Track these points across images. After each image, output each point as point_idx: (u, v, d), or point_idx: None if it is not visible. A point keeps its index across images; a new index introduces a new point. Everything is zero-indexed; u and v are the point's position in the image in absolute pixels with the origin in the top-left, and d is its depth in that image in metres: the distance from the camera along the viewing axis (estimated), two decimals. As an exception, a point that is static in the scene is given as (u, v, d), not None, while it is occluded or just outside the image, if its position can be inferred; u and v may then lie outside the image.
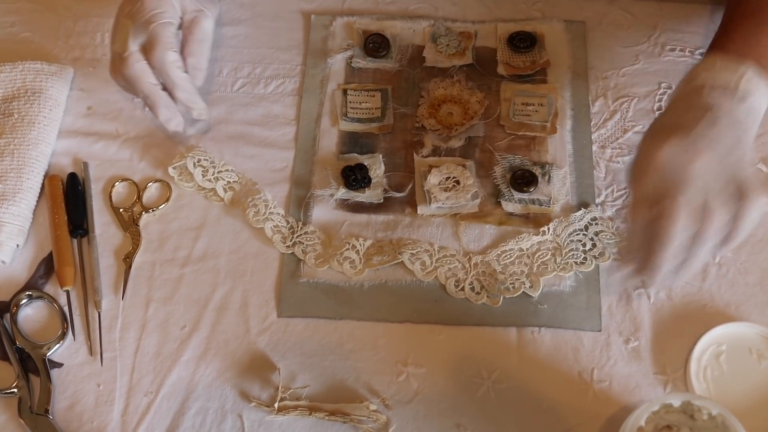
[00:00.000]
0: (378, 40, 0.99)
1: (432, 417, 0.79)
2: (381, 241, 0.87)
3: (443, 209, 0.89)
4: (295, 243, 0.87)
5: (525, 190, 0.88)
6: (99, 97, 0.98)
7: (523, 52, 0.98)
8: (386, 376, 0.81)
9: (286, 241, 0.87)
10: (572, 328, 0.83)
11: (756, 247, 0.86)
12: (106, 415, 0.80)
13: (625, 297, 0.84)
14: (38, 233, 0.90)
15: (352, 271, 0.86)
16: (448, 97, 0.95)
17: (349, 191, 0.90)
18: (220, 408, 0.80)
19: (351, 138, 0.94)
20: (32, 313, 0.86)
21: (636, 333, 0.82)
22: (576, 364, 0.81)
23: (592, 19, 1.02)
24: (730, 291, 0.84)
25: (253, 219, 0.88)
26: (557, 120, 0.93)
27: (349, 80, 0.98)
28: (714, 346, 0.81)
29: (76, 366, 0.82)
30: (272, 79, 0.99)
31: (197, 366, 0.82)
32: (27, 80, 0.96)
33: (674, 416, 0.70)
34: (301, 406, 0.79)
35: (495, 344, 0.82)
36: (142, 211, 0.90)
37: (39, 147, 0.92)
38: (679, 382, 0.80)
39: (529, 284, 0.84)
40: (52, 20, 1.04)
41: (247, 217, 0.88)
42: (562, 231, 0.87)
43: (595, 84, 0.97)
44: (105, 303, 0.85)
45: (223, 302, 0.85)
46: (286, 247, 0.87)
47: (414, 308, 0.84)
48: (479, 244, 0.87)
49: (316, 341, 0.83)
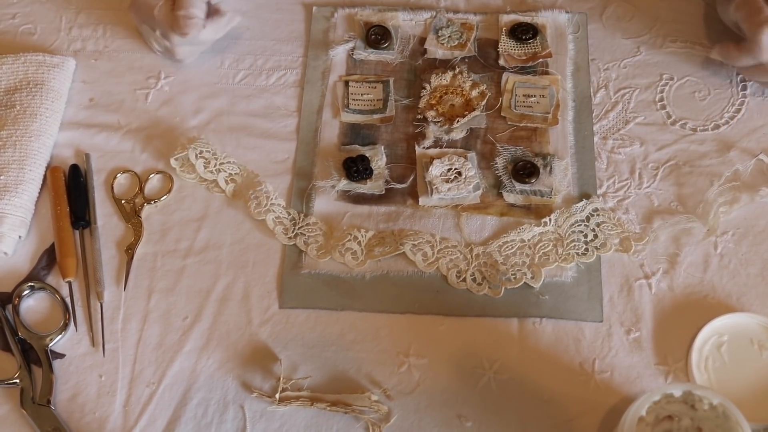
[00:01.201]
0: (380, 32, 0.99)
1: (433, 408, 0.79)
2: (383, 232, 0.88)
3: (445, 200, 0.89)
4: (297, 234, 0.87)
5: (526, 181, 0.88)
6: (101, 88, 0.98)
7: (524, 43, 0.97)
8: (388, 366, 0.81)
9: (287, 232, 0.87)
10: (574, 318, 0.83)
11: (758, 238, 0.86)
12: (108, 406, 0.80)
13: (627, 288, 0.84)
14: (40, 225, 0.90)
15: (354, 262, 0.86)
16: (449, 88, 0.95)
17: (351, 183, 0.90)
18: (221, 399, 0.80)
19: (353, 129, 0.94)
20: (34, 304, 0.86)
21: (637, 324, 0.82)
22: (577, 354, 0.81)
23: (594, 11, 1.01)
24: (732, 282, 0.84)
25: (255, 211, 0.88)
26: (559, 111, 0.93)
27: (351, 72, 0.98)
28: (715, 336, 0.81)
29: (78, 357, 0.83)
30: (274, 71, 0.99)
31: (199, 357, 0.82)
32: (29, 72, 0.96)
33: (675, 406, 0.70)
34: (302, 396, 0.79)
35: (496, 335, 0.82)
36: (144, 203, 0.90)
37: (41, 139, 0.92)
38: (680, 372, 0.80)
39: (531, 275, 0.84)
40: (53, 12, 1.04)
41: (249, 208, 0.88)
42: (564, 222, 0.87)
43: (597, 75, 0.97)
44: (107, 294, 0.85)
45: (224, 293, 0.85)
46: (287, 239, 0.87)
47: (416, 299, 0.84)
48: (481, 235, 0.87)
49: (317, 332, 0.83)
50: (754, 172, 0.90)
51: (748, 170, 0.90)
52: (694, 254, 0.86)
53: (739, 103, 0.94)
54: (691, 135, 0.93)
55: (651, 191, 0.89)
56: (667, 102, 0.95)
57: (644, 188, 0.89)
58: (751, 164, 0.90)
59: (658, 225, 0.87)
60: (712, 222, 0.86)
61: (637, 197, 0.89)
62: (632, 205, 0.88)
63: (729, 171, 0.90)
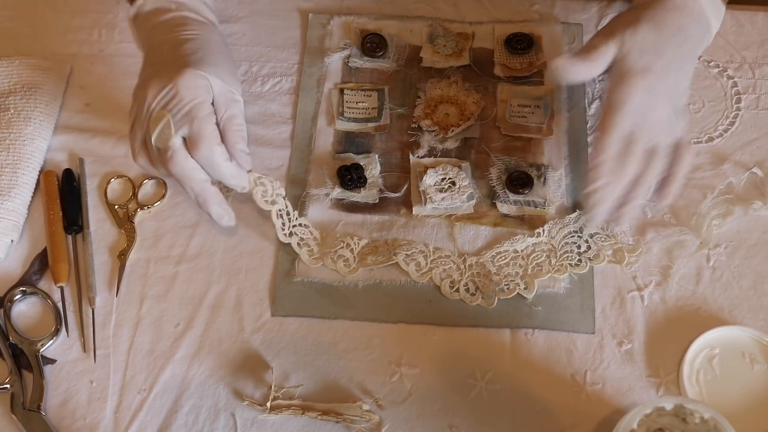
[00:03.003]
0: (375, 40, 0.99)
1: (425, 417, 0.79)
2: (376, 241, 0.87)
3: (438, 210, 0.89)
4: (292, 233, 0.87)
5: (520, 192, 0.88)
6: (96, 93, 0.98)
7: (520, 53, 0.98)
8: (380, 376, 0.81)
9: (284, 228, 0.87)
10: (566, 330, 0.83)
11: (750, 251, 0.86)
12: (99, 412, 0.80)
13: (619, 299, 0.84)
14: (33, 229, 0.90)
15: (345, 269, 0.86)
16: (444, 97, 0.95)
17: (345, 191, 0.90)
18: (213, 406, 0.80)
19: (347, 137, 0.94)
20: (26, 309, 0.85)
21: (629, 336, 0.82)
22: (569, 366, 0.81)
23: (589, 22, 1.02)
24: (724, 295, 0.84)
25: (262, 200, 0.86)
26: (553, 122, 0.93)
27: (346, 80, 0.98)
28: (707, 349, 0.81)
29: (70, 362, 0.82)
30: (269, 78, 0.99)
31: (190, 364, 0.82)
32: (23, 75, 0.96)
33: (666, 419, 0.70)
34: (293, 405, 0.79)
35: (488, 346, 0.82)
36: (137, 208, 0.90)
37: (35, 143, 0.92)
38: (671, 385, 0.80)
39: (524, 286, 0.84)
40: (49, 15, 1.04)
41: (255, 196, 0.86)
42: (557, 233, 0.87)
43: (592, 86, 0.97)
44: (99, 300, 0.85)
45: (217, 300, 0.85)
46: (284, 235, 0.86)
47: (408, 308, 0.84)
48: (474, 245, 0.87)
49: (309, 340, 0.83)
50: (747, 185, 0.90)
51: (741, 183, 0.90)
52: (686, 267, 0.86)
53: (733, 116, 0.95)
54: (685, 147, 0.93)
55: (644, 203, 0.89)
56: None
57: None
58: (745, 177, 0.90)
59: (651, 237, 0.87)
60: (705, 235, 0.87)
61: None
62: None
63: (722, 184, 0.90)
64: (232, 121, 0.84)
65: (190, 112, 0.80)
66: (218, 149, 0.81)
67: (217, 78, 0.83)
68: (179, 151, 0.80)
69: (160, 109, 0.81)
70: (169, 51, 0.85)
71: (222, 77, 0.84)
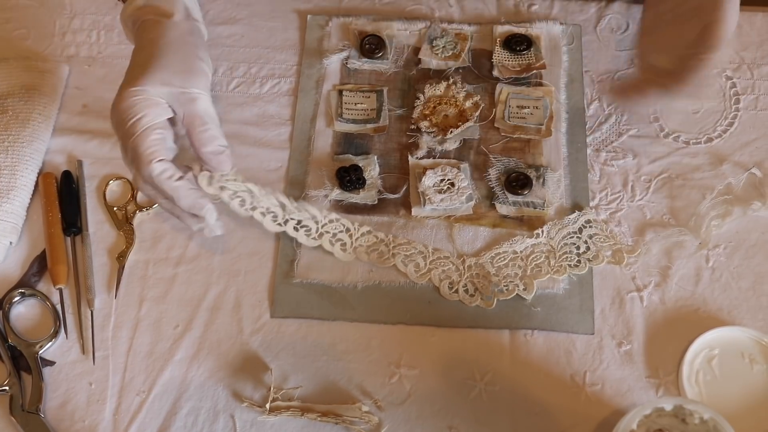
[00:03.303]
0: (374, 41, 0.99)
1: (424, 419, 0.79)
2: (377, 234, 0.87)
3: (437, 211, 0.89)
4: (287, 220, 0.86)
5: (519, 193, 0.88)
6: (94, 94, 0.98)
7: (518, 54, 0.98)
8: (379, 377, 0.81)
9: (277, 219, 0.86)
10: (565, 330, 0.83)
11: (749, 252, 0.86)
12: (98, 414, 0.80)
13: (619, 300, 0.84)
14: (32, 231, 0.89)
15: (341, 253, 0.86)
16: (443, 99, 0.95)
17: (344, 192, 0.90)
18: (212, 408, 0.80)
19: (346, 139, 0.94)
20: (25, 311, 0.85)
21: (629, 336, 0.82)
22: (568, 367, 0.81)
23: (588, 23, 1.02)
24: (723, 295, 0.84)
25: (241, 209, 0.85)
26: (552, 123, 0.93)
27: (345, 81, 0.98)
28: (706, 350, 0.81)
29: (68, 364, 0.82)
30: (268, 79, 0.99)
31: (190, 366, 0.82)
32: (22, 77, 0.96)
33: (666, 420, 0.70)
34: (293, 406, 0.79)
35: (488, 346, 0.82)
36: (136, 210, 0.90)
37: (33, 144, 0.92)
38: (671, 385, 0.80)
39: (523, 287, 0.84)
40: (47, 17, 1.04)
41: (232, 207, 0.85)
42: (556, 234, 0.87)
43: (591, 87, 0.97)
44: (98, 301, 0.85)
45: (216, 302, 0.85)
46: (276, 225, 0.86)
47: (407, 310, 0.84)
48: (473, 246, 0.87)
49: (308, 342, 0.83)
50: (746, 186, 0.90)
51: (740, 184, 0.90)
52: (685, 267, 0.86)
53: (732, 117, 0.95)
54: (684, 148, 0.93)
55: (643, 204, 0.89)
56: (660, 115, 0.95)
57: (637, 201, 0.90)
58: (744, 178, 0.90)
59: (651, 238, 0.87)
60: (704, 235, 0.87)
61: (629, 209, 0.89)
62: (625, 217, 0.89)
63: (721, 184, 0.90)
64: (193, 123, 0.80)
65: (129, 131, 0.78)
66: (156, 167, 0.78)
67: (162, 84, 0.79)
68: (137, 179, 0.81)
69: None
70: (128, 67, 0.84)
71: (169, 81, 0.80)
